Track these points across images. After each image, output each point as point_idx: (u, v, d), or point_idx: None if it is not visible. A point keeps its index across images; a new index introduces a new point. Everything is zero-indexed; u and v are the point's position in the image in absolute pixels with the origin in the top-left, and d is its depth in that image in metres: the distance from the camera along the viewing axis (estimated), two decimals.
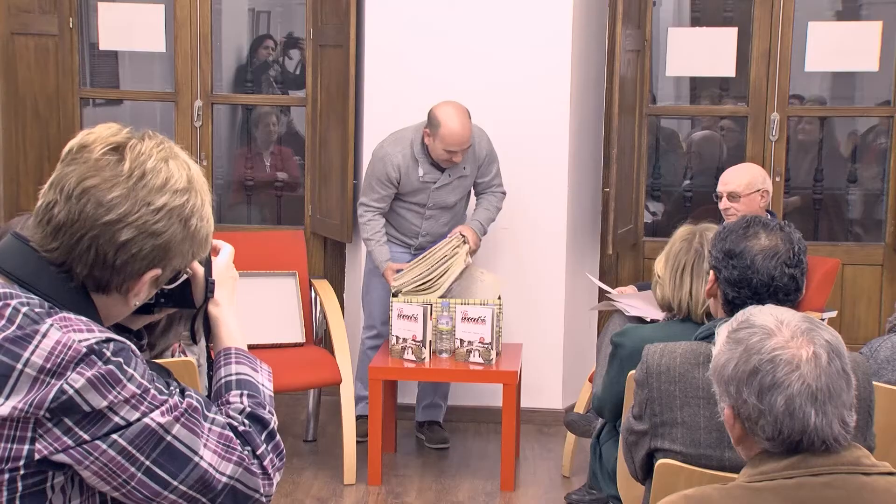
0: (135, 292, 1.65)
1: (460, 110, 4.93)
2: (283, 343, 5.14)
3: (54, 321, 1.55)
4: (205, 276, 1.79)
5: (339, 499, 4.74)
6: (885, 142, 6.08)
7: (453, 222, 5.22)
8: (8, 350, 1.52)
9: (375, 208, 5.10)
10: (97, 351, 1.54)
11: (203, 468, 1.60)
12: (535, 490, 4.87)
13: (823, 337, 1.85)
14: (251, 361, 1.80)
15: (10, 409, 1.51)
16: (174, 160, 1.65)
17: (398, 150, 5.03)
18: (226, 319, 1.82)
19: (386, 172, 5.02)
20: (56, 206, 1.59)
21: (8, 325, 1.54)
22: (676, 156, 6.91)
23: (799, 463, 1.81)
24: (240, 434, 1.67)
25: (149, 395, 1.57)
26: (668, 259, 3.25)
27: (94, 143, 1.61)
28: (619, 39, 5.35)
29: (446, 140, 4.90)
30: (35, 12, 5.66)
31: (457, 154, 4.96)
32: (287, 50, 7.58)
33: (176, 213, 1.62)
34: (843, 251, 5.79)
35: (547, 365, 5.59)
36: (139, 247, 1.60)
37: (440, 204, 5.14)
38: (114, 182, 1.59)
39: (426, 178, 5.05)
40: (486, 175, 5.18)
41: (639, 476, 2.78)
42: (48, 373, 1.51)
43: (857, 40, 5.73)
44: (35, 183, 5.67)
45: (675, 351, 2.65)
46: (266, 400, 1.76)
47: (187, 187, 1.64)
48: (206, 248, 1.73)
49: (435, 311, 4.88)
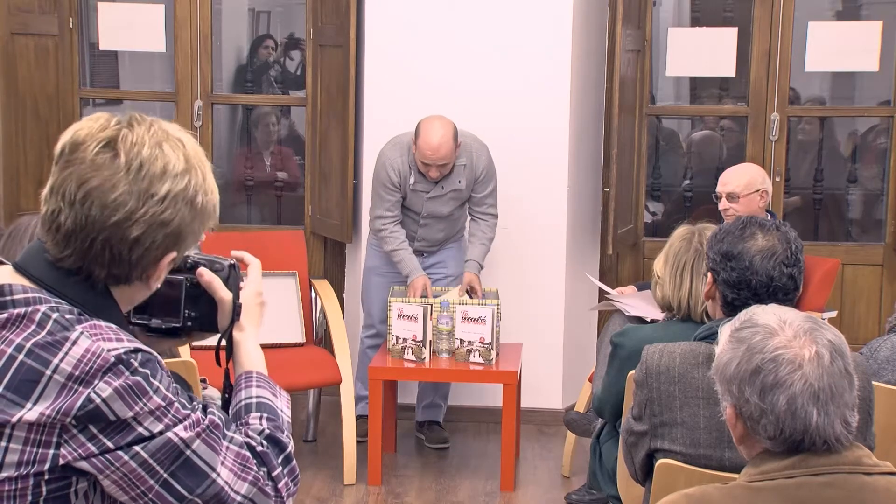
0: (155, 277, 1.67)
1: (443, 125, 4.86)
2: (283, 343, 5.14)
3: (84, 328, 1.55)
4: (232, 301, 1.80)
5: (339, 499, 4.74)
6: (885, 142, 6.08)
7: (449, 230, 5.21)
8: (38, 356, 1.53)
9: (390, 217, 5.06)
10: (125, 361, 1.55)
11: (219, 485, 1.61)
12: (535, 490, 4.87)
13: (826, 337, 1.85)
14: (271, 386, 1.81)
15: (37, 415, 1.52)
16: (167, 142, 1.63)
17: (396, 154, 5.02)
18: (247, 344, 1.83)
19: (388, 175, 5.01)
20: (61, 213, 1.59)
21: (38, 330, 1.54)
22: (676, 156, 6.91)
23: (800, 463, 1.81)
24: (257, 454, 1.68)
25: (172, 408, 1.58)
26: (668, 259, 3.25)
27: (85, 140, 1.60)
28: (619, 39, 5.35)
29: (422, 151, 4.87)
30: (35, 12, 5.66)
31: (431, 169, 4.90)
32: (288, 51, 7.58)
33: (181, 197, 1.62)
34: (843, 251, 5.79)
35: (547, 365, 5.59)
36: (152, 238, 1.61)
37: (434, 214, 5.12)
38: (114, 180, 1.58)
39: (416, 187, 5.03)
40: (480, 191, 5.11)
41: (639, 477, 2.78)
42: (76, 380, 1.52)
43: (857, 40, 5.73)
44: (35, 183, 5.67)
45: (675, 351, 2.65)
46: (284, 425, 1.77)
47: (186, 167, 1.63)
48: (215, 216, 1.71)
49: (435, 311, 4.88)
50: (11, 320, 1.55)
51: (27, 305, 1.56)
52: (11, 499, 1.53)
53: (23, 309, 1.56)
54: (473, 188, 5.11)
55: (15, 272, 1.62)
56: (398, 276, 5.18)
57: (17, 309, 1.56)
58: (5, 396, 1.52)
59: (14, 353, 1.53)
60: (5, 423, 1.52)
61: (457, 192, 5.09)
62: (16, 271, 1.62)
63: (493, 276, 5.47)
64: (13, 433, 1.52)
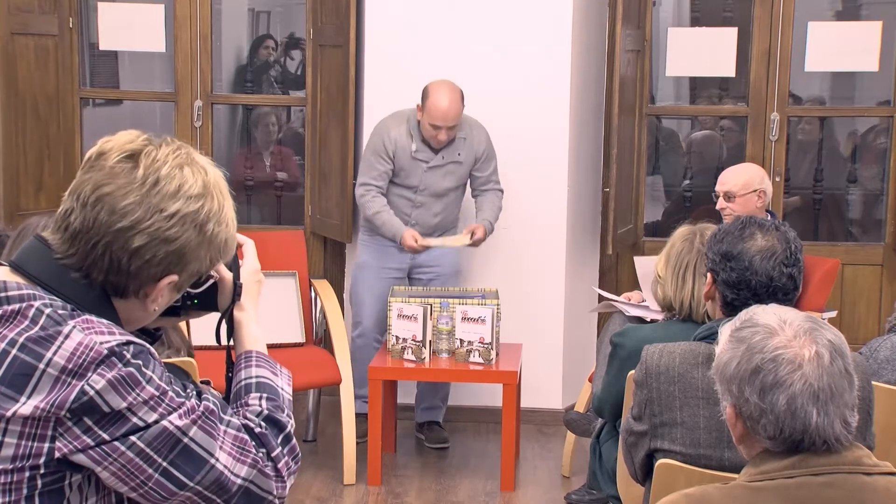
0: (152, 298, 1.68)
1: (452, 88, 4.98)
2: (283, 343, 5.14)
3: (77, 323, 1.58)
4: (233, 280, 1.82)
5: (339, 499, 4.74)
6: (885, 142, 6.08)
7: (444, 214, 5.21)
8: (31, 350, 1.55)
9: (375, 186, 5.10)
10: (118, 353, 1.57)
11: (219, 470, 1.63)
12: (535, 490, 4.87)
13: (826, 337, 1.85)
14: (271, 365, 1.84)
15: (31, 409, 1.54)
16: (190, 166, 1.67)
17: (395, 123, 5.09)
18: (248, 323, 1.85)
19: (382, 143, 5.06)
20: (73, 213, 1.63)
21: (31, 325, 1.57)
22: (676, 156, 6.92)
23: (800, 462, 1.81)
24: (255, 436, 1.70)
25: (167, 397, 1.60)
26: (670, 259, 3.25)
27: (111, 150, 1.65)
28: (619, 39, 5.35)
29: (431, 113, 4.95)
30: (35, 12, 5.65)
31: (441, 131, 4.97)
32: (288, 50, 7.59)
33: (190, 218, 1.64)
34: (842, 251, 5.79)
35: (547, 365, 5.59)
36: (152, 253, 1.63)
37: (432, 189, 5.13)
38: (127, 189, 1.62)
39: (418, 155, 5.06)
40: (484, 170, 5.19)
41: (638, 477, 2.78)
42: (70, 373, 1.54)
43: (857, 40, 5.73)
44: (35, 183, 5.67)
45: (674, 351, 2.65)
46: (284, 403, 1.79)
47: (202, 193, 1.66)
48: (228, 252, 1.75)
49: (435, 311, 4.88)
50: (5, 316, 1.58)
51: (21, 302, 1.58)
52: (7, 492, 1.55)
53: (17, 305, 1.58)
54: (477, 167, 5.17)
55: (11, 271, 1.65)
56: (390, 273, 5.19)
57: (10, 305, 1.58)
58: None
59: (7, 347, 1.56)
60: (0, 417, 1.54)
61: (456, 166, 5.12)
62: (12, 270, 1.65)
63: (493, 276, 5.47)
64: (8, 427, 1.54)
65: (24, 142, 5.64)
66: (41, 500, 1.56)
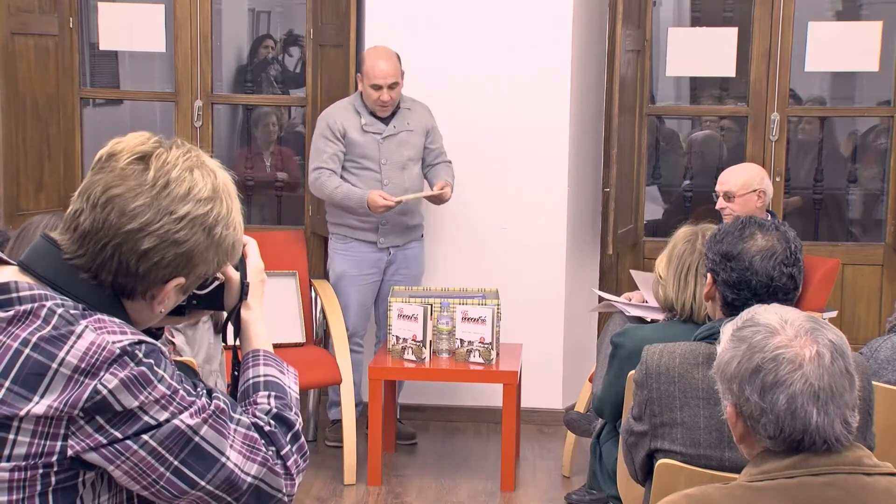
0: (159, 300, 1.68)
1: (386, 48, 5.11)
2: (283, 343, 5.14)
3: (89, 322, 1.58)
4: (240, 280, 1.82)
5: (339, 499, 4.74)
6: (885, 142, 6.08)
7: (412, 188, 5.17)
8: (44, 350, 1.56)
9: (327, 169, 5.09)
10: (130, 352, 1.58)
11: (230, 469, 1.64)
12: (535, 490, 4.87)
13: (827, 336, 1.85)
14: (278, 364, 1.84)
15: (45, 408, 1.55)
16: (200, 169, 1.67)
17: (337, 107, 5.18)
18: (255, 322, 1.86)
19: (328, 125, 5.11)
20: (82, 214, 1.63)
21: (44, 325, 1.57)
22: (676, 156, 6.92)
23: (800, 462, 1.81)
24: (265, 434, 1.71)
25: (178, 396, 1.61)
26: (671, 260, 3.24)
27: (121, 152, 1.65)
28: (619, 39, 5.35)
29: (369, 74, 5.03)
30: (35, 12, 5.65)
31: (383, 91, 5.03)
32: (287, 47, 7.60)
33: (199, 221, 1.65)
34: (842, 251, 5.79)
35: (547, 365, 5.59)
36: (161, 255, 1.63)
37: (393, 160, 5.13)
38: (137, 191, 1.62)
39: (369, 128, 5.10)
40: (437, 141, 5.26)
41: (639, 477, 2.78)
42: (82, 372, 1.55)
43: (857, 40, 5.73)
44: (35, 183, 5.67)
45: (675, 351, 2.65)
46: (292, 402, 1.80)
47: (212, 196, 1.67)
48: (235, 255, 1.76)
49: (435, 311, 4.88)
50: (17, 316, 1.58)
51: (33, 302, 1.59)
52: (21, 489, 1.56)
53: (28, 305, 1.59)
54: (430, 140, 5.23)
55: (20, 271, 1.65)
56: (369, 279, 5.20)
57: (23, 305, 1.59)
58: (13, 390, 1.55)
59: (20, 347, 1.56)
60: (13, 416, 1.55)
61: (409, 134, 5.16)
62: (21, 270, 1.65)
63: (493, 276, 5.47)
64: (21, 426, 1.55)
65: (24, 142, 5.64)
66: (54, 497, 1.58)
